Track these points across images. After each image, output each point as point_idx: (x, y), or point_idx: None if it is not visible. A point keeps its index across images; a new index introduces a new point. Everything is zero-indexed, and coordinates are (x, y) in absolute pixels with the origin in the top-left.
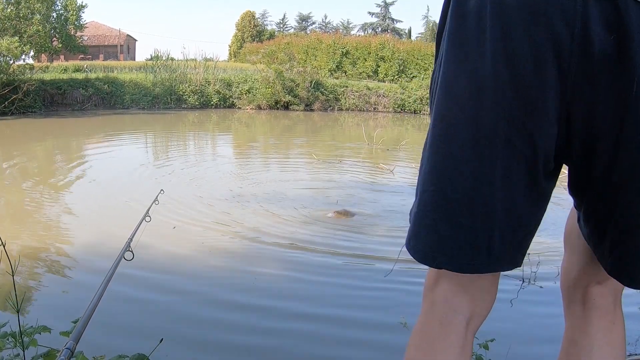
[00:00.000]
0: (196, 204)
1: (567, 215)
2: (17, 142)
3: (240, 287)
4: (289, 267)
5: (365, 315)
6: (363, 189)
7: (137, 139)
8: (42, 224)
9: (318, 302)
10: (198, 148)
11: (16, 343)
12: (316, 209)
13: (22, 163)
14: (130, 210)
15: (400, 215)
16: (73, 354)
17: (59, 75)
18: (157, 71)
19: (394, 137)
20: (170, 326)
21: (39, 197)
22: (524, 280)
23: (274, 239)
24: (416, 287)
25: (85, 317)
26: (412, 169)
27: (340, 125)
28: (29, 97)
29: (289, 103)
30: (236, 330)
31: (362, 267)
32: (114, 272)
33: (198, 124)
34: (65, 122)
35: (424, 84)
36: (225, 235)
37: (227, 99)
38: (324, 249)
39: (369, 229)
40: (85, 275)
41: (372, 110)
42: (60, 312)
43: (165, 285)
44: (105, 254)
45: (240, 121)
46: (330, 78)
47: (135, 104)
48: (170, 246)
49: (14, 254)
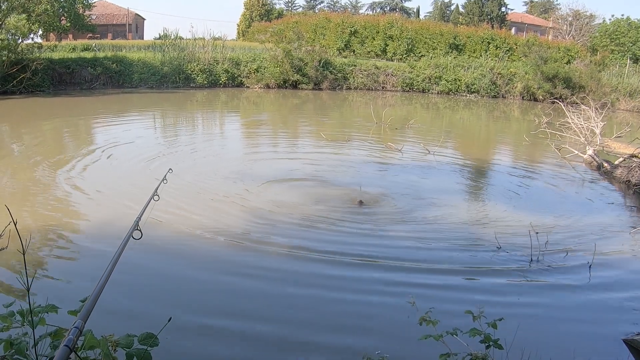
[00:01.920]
0: (204, 183)
1: (575, 194)
2: (26, 121)
3: (249, 266)
4: (296, 245)
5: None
6: (371, 168)
7: (146, 118)
8: (51, 203)
9: (326, 280)
10: (206, 127)
11: (24, 321)
12: (325, 189)
13: (31, 142)
14: (139, 189)
15: (408, 195)
16: (81, 332)
17: (68, 54)
18: (165, 50)
19: (402, 115)
20: (179, 305)
21: (48, 177)
22: (532, 260)
23: (282, 217)
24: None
25: (94, 296)
26: (421, 148)
27: (348, 104)
28: (38, 76)
29: (298, 82)
30: (245, 310)
31: (371, 245)
32: (123, 251)
33: (207, 103)
34: (73, 101)
35: (432, 63)
36: (234, 214)
37: (235, 78)
38: (333, 228)
39: (378, 209)
40: (93, 254)
41: (381, 89)
42: (68, 291)
43: (173, 264)
44: (113, 233)
45: (249, 100)
46: (339, 57)
47: (144, 82)
48: (179, 225)
49: (24, 233)
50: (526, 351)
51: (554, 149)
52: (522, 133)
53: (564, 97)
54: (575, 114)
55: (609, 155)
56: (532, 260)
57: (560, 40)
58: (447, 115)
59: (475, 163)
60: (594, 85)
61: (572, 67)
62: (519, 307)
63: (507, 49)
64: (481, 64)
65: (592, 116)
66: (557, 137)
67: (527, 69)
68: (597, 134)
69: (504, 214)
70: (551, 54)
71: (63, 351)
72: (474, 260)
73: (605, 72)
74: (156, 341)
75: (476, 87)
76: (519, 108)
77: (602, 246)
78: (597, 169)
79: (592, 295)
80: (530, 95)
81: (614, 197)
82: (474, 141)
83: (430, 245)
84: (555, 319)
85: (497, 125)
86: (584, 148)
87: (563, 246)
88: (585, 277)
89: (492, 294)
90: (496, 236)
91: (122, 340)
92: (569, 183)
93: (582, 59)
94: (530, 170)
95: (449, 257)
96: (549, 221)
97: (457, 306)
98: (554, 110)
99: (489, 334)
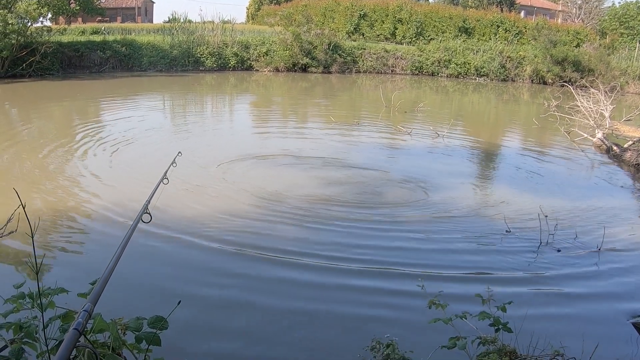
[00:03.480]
0: (213, 166)
1: (584, 177)
2: (35, 104)
3: (259, 249)
4: (308, 228)
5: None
6: (381, 151)
7: (155, 101)
8: (60, 186)
9: (336, 259)
10: (216, 110)
11: (34, 304)
12: (336, 172)
13: (40, 125)
14: (148, 173)
15: (417, 178)
16: (91, 316)
17: (77, 37)
18: (174, 33)
19: (411, 99)
20: (188, 288)
21: (57, 160)
22: (542, 243)
23: (293, 200)
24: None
25: (103, 279)
26: (430, 131)
27: (358, 87)
28: (47, 59)
29: (307, 65)
30: (255, 292)
31: (380, 224)
32: (132, 234)
33: (216, 86)
34: (82, 84)
35: (442, 46)
36: (243, 198)
37: (244, 61)
38: (344, 213)
39: (387, 192)
40: (103, 238)
41: (390, 72)
42: (78, 274)
43: (182, 247)
44: (123, 216)
45: (258, 83)
46: (348, 40)
47: (153, 66)
48: (188, 208)
49: (33, 216)
50: (535, 334)
51: (563, 132)
52: (531, 116)
53: (573, 81)
54: (585, 97)
55: (618, 138)
56: (541, 243)
57: (569, 24)
58: (456, 98)
59: (484, 146)
60: (603, 69)
61: (582, 51)
62: (528, 290)
63: (516, 32)
64: (490, 48)
65: (601, 99)
66: (566, 120)
67: (536, 52)
68: (606, 117)
69: (513, 197)
70: (560, 37)
71: (72, 334)
72: (483, 243)
73: (614, 55)
74: (165, 324)
75: (485, 70)
76: (528, 91)
77: (611, 230)
78: (606, 152)
79: (601, 278)
80: (539, 79)
81: (623, 180)
82: (483, 124)
83: (439, 229)
84: (564, 302)
85: (507, 108)
86: (593, 131)
87: (572, 229)
88: (595, 261)
89: (501, 277)
90: (505, 219)
91: (131, 324)
92: (578, 166)
93: (592, 42)
94: (539, 153)
95: (458, 240)
96: (558, 204)
97: (466, 289)
98: (563, 94)
99: (498, 317)
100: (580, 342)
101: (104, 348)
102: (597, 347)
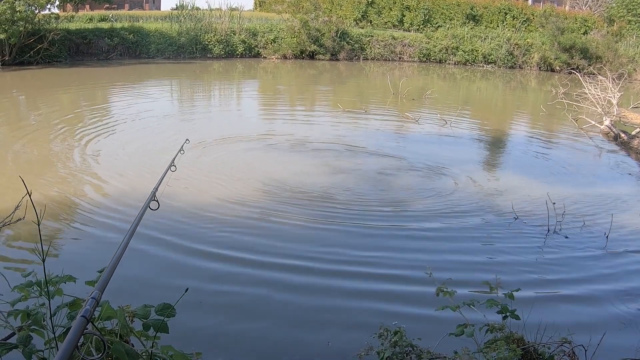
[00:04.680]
0: (222, 153)
1: (592, 165)
2: (43, 91)
3: (266, 235)
4: (316, 215)
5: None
6: (388, 138)
7: (163, 89)
8: (67, 173)
9: (344, 247)
10: (223, 97)
11: (41, 292)
12: (344, 160)
13: (48, 112)
14: (156, 160)
15: (424, 165)
16: (98, 303)
17: (85, 24)
18: (182, 21)
19: (419, 86)
20: (196, 276)
21: (64, 147)
22: (550, 230)
23: (301, 187)
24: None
25: (111, 267)
26: (437, 119)
27: (365, 74)
28: (55, 46)
29: (315, 52)
30: (262, 280)
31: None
32: (140, 221)
33: (223, 73)
34: (90, 71)
35: (449, 33)
36: (250, 185)
37: (252, 49)
38: (353, 199)
39: (395, 178)
40: (110, 225)
41: (398, 59)
42: (85, 262)
43: (190, 234)
44: (130, 204)
45: (266, 70)
46: (356, 27)
47: (161, 53)
48: (195, 196)
49: (40, 203)
50: (543, 322)
51: (570, 119)
52: (539, 104)
53: (580, 68)
54: (592, 84)
55: (625, 125)
56: (549, 230)
57: (577, 11)
58: (464, 85)
59: (492, 133)
60: (611, 56)
61: (589, 38)
62: (535, 277)
63: (524, 20)
64: (498, 35)
65: (609, 87)
66: (574, 107)
67: (544, 40)
68: (614, 104)
69: (520, 184)
70: (568, 25)
71: (80, 322)
72: (491, 230)
73: (622, 42)
74: (173, 312)
75: (493, 57)
76: (536, 79)
77: (619, 216)
78: (614, 140)
79: (609, 265)
80: (547, 66)
81: (631, 167)
82: (491, 112)
83: (447, 215)
84: (572, 289)
85: (514, 95)
86: (601, 119)
87: (580, 216)
88: (602, 247)
89: (509, 264)
90: (513, 206)
91: (139, 311)
92: (586, 154)
93: (599, 29)
94: (547, 140)
95: (466, 227)
96: (565, 192)
97: (474, 276)
98: (570, 81)
99: (506, 304)
100: (588, 329)
101: (111, 335)
102: (605, 335)
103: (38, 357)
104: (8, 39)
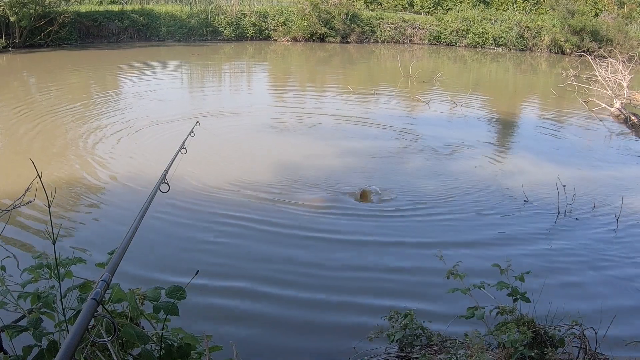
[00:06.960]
0: (232, 136)
1: (602, 147)
2: (53, 74)
3: (275, 217)
4: (324, 198)
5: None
6: (398, 121)
7: (173, 71)
8: (77, 156)
9: (349, 234)
10: (234, 80)
11: (52, 274)
12: (353, 142)
13: (58, 95)
14: (166, 142)
15: (435, 149)
16: (109, 285)
17: (95, 7)
18: (192, 3)
19: (429, 69)
20: (206, 258)
21: (74, 130)
22: (560, 212)
23: (309, 170)
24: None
25: (121, 249)
26: (448, 101)
27: (375, 57)
28: (65, 29)
29: (325, 35)
30: (270, 262)
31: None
32: (150, 204)
33: (234, 56)
34: (101, 54)
35: (460, 16)
36: (262, 167)
37: (262, 31)
38: (361, 180)
39: (406, 161)
40: (120, 208)
41: (408, 42)
42: (96, 244)
43: (200, 217)
44: (141, 186)
45: (276, 53)
46: (366, 10)
47: (171, 36)
48: (206, 178)
49: (50, 186)
50: (553, 304)
51: (581, 102)
52: (549, 86)
53: (591, 50)
54: (603, 67)
55: (636, 108)
56: (559, 213)
57: None
58: (474, 68)
59: (503, 116)
60: (622, 39)
61: (600, 20)
62: (546, 260)
63: (535, 2)
64: (508, 17)
65: (619, 69)
66: (584, 90)
67: (554, 22)
68: (624, 87)
69: (531, 167)
70: (578, 7)
71: (90, 304)
72: (502, 213)
73: (632, 25)
74: (183, 294)
75: (503, 40)
76: (547, 61)
77: (629, 199)
78: (624, 122)
79: (619, 247)
80: (557, 49)
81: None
82: (502, 94)
83: (457, 198)
84: (582, 271)
85: (525, 78)
86: (612, 101)
87: (590, 199)
88: (613, 230)
89: (520, 247)
90: (524, 189)
91: (149, 293)
92: (596, 136)
93: (610, 12)
94: (557, 123)
95: (476, 210)
96: (576, 174)
97: (485, 259)
98: (581, 64)
99: (516, 287)
100: (598, 312)
101: (122, 318)
102: (615, 317)
103: (48, 340)
104: (19, 21)
